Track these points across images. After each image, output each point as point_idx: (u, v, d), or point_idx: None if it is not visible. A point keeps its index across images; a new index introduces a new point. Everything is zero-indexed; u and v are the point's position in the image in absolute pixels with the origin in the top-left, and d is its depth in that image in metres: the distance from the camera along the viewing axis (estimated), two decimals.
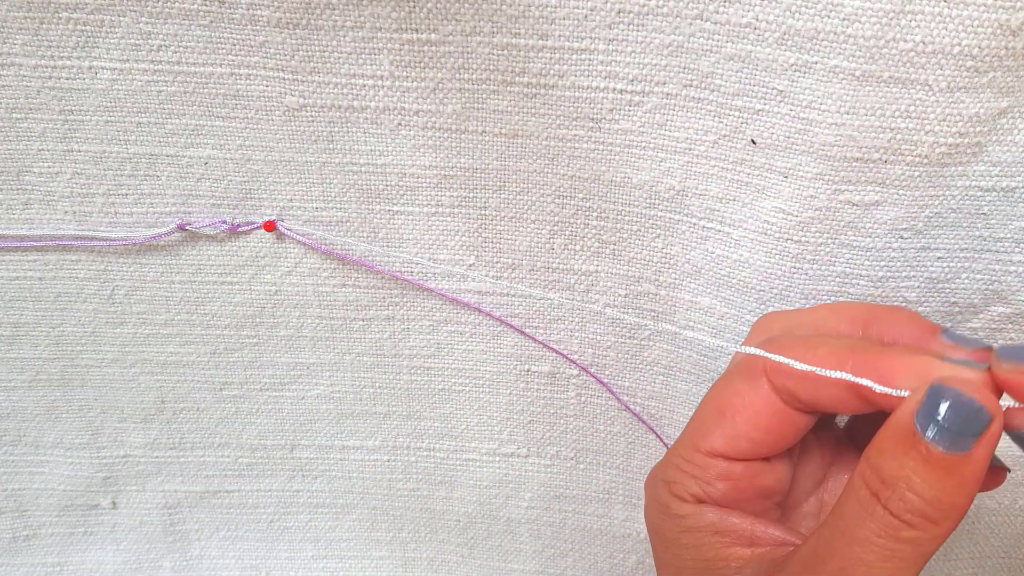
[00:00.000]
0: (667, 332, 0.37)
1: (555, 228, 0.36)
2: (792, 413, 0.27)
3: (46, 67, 0.33)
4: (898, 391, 0.23)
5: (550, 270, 0.37)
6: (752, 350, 0.27)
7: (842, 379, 0.24)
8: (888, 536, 0.22)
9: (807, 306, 0.34)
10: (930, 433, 0.22)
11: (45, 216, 0.36)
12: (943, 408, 0.22)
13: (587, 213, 0.35)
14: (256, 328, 0.39)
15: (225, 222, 0.36)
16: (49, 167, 0.35)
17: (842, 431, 0.32)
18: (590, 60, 0.31)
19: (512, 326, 0.38)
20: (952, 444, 0.22)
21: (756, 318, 0.35)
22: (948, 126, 0.29)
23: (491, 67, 0.32)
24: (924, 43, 0.28)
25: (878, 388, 0.24)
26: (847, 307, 0.28)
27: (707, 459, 0.27)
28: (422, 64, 0.32)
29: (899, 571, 0.23)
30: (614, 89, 0.32)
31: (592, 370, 0.39)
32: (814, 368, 0.25)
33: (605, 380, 0.39)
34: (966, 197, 0.31)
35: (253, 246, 0.37)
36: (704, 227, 0.34)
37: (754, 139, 0.31)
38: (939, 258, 0.33)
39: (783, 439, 0.27)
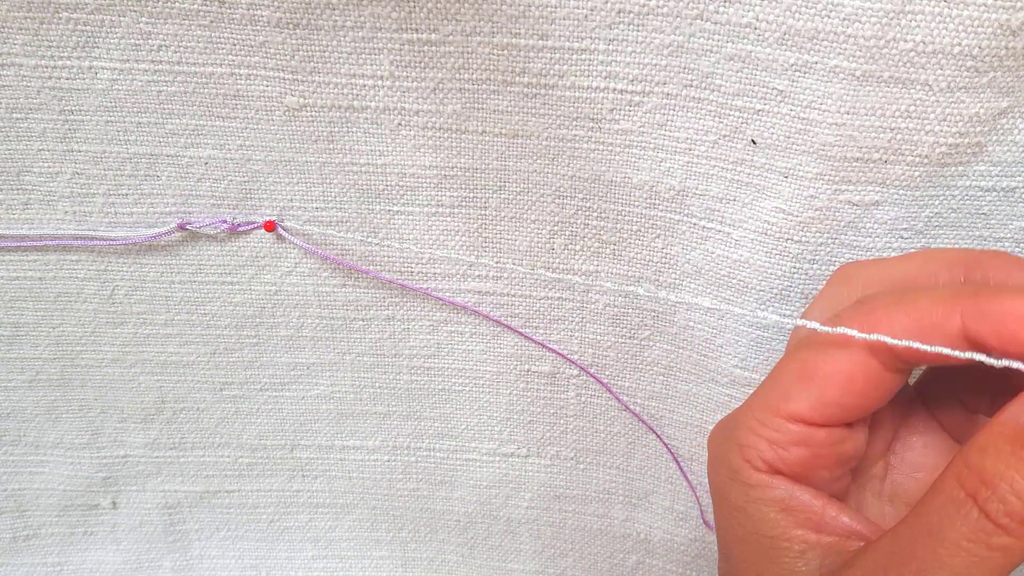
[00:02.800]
0: (668, 331, 0.37)
1: (555, 228, 0.36)
2: (888, 375, 0.25)
3: (46, 67, 0.33)
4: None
5: (550, 270, 0.37)
6: (843, 330, 0.24)
7: (954, 328, 0.22)
8: (979, 541, 0.21)
9: (807, 306, 0.34)
10: None
11: (45, 216, 0.36)
12: None
13: (587, 213, 0.35)
14: (256, 328, 0.39)
15: (225, 221, 0.36)
16: (49, 167, 0.35)
17: (911, 388, 0.30)
18: (590, 60, 0.31)
19: (508, 326, 0.38)
20: None
21: (756, 318, 0.35)
22: (948, 126, 0.29)
23: (491, 67, 0.32)
24: (924, 43, 0.28)
25: (999, 363, 0.22)
26: (942, 252, 0.26)
27: (787, 423, 0.25)
28: (422, 64, 0.32)
29: None
30: (614, 89, 0.32)
31: (592, 370, 0.39)
32: (936, 347, 0.23)
33: (605, 380, 0.39)
34: (966, 197, 0.31)
35: (253, 246, 0.37)
36: (704, 227, 0.34)
37: (754, 139, 0.31)
38: None
39: (874, 402, 0.25)
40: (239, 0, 0.31)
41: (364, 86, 0.33)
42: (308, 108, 0.33)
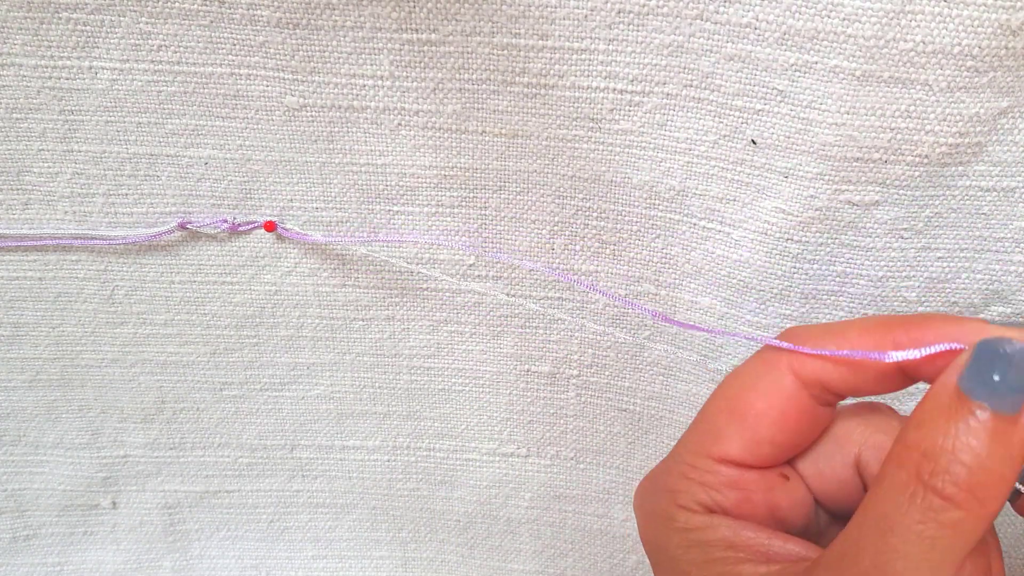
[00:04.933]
0: (668, 331, 0.37)
1: (555, 228, 0.36)
2: (819, 409, 0.25)
3: (46, 67, 0.33)
4: (959, 346, 0.21)
5: (550, 270, 0.37)
6: (776, 342, 0.24)
7: (885, 349, 0.22)
8: (929, 520, 0.20)
9: (807, 306, 0.34)
10: (978, 394, 0.20)
11: (45, 216, 0.36)
12: (995, 361, 0.20)
13: (587, 213, 0.35)
14: (256, 328, 0.39)
15: (226, 221, 0.36)
16: (49, 167, 0.35)
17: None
18: (590, 60, 0.31)
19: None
20: (1001, 404, 0.20)
21: (756, 318, 0.35)
22: (948, 126, 0.29)
23: (491, 67, 0.32)
24: (924, 43, 0.28)
25: (942, 347, 0.21)
26: (879, 317, 0.25)
27: (719, 466, 0.25)
28: (422, 64, 0.32)
29: (941, 564, 0.20)
30: (614, 89, 0.32)
31: (591, 370, 0.39)
32: (859, 353, 0.23)
33: (605, 380, 0.39)
34: (966, 197, 0.31)
35: (253, 246, 0.37)
36: (704, 227, 0.34)
37: (754, 139, 0.31)
38: (939, 258, 0.33)
39: (806, 439, 0.25)
40: (239, 0, 0.31)
41: (364, 86, 0.33)
42: (308, 108, 0.33)
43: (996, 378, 0.20)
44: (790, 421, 0.24)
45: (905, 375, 0.23)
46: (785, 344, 0.24)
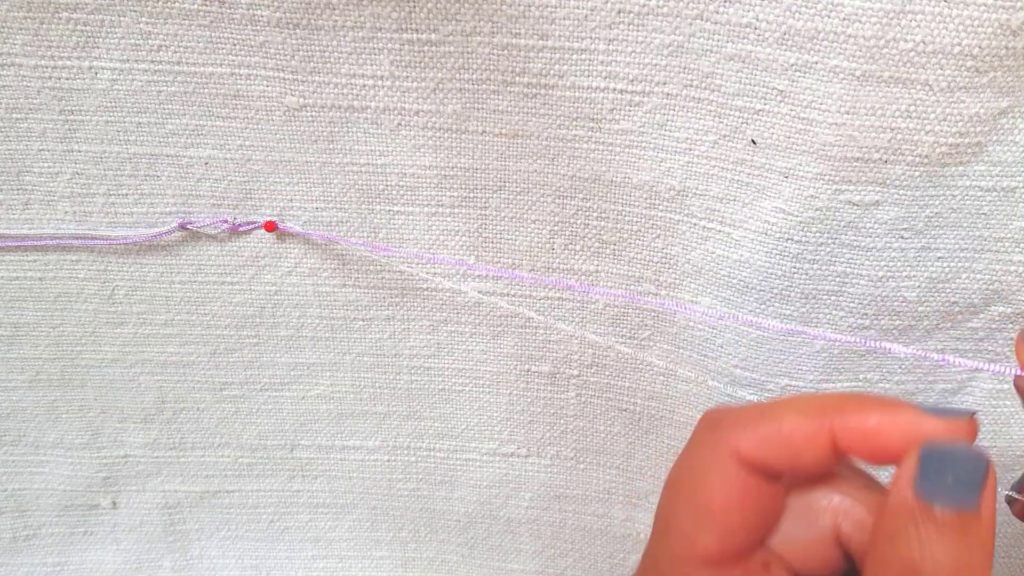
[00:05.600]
0: (668, 331, 0.37)
1: (555, 228, 0.36)
2: (775, 486, 0.25)
3: (46, 67, 0.33)
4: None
5: (550, 270, 0.37)
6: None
7: (823, 443, 0.23)
8: None
9: (807, 306, 0.34)
10: (938, 498, 0.21)
11: (45, 216, 0.36)
12: (945, 464, 0.21)
13: (587, 213, 0.35)
14: (256, 328, 0.39)
15: (226, 221, 0.36)
16: (49, 167, 0.35)
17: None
18: (590, 60, 0.31)
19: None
20: (960, 502, 0.21)
21: (756, 317, 0.35)
22: (948, 126, 0.29)
23: (491, 67, 0.32)
24: (924, 43, 0.28)
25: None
26: (811, 396, 0.25)
27: (700, 572, 0.24)
28: (422, 64, 0.32)
29: None
30: (614, 89, 0.32)
31: (591, 370, 0.39)
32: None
33: (605, 380, 0.39)
34: (966, 197, 0.31)
35: (253, 246, 0.37)
36: (704, 227, 0.34)
37: (754, 139, 0.31)
38: (939, 258, 0.33)
39: (772, 516, 0.25)
40: (239, 0, 0.31)
41: (364, 86, 0.33)
42: (308, 108, 0.33)
43: (950, 480, 0.21)
44: (752, 505, 0.24)
45: (841, 456, 0.23)
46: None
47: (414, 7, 0.30)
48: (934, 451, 0.21)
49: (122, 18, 0.32)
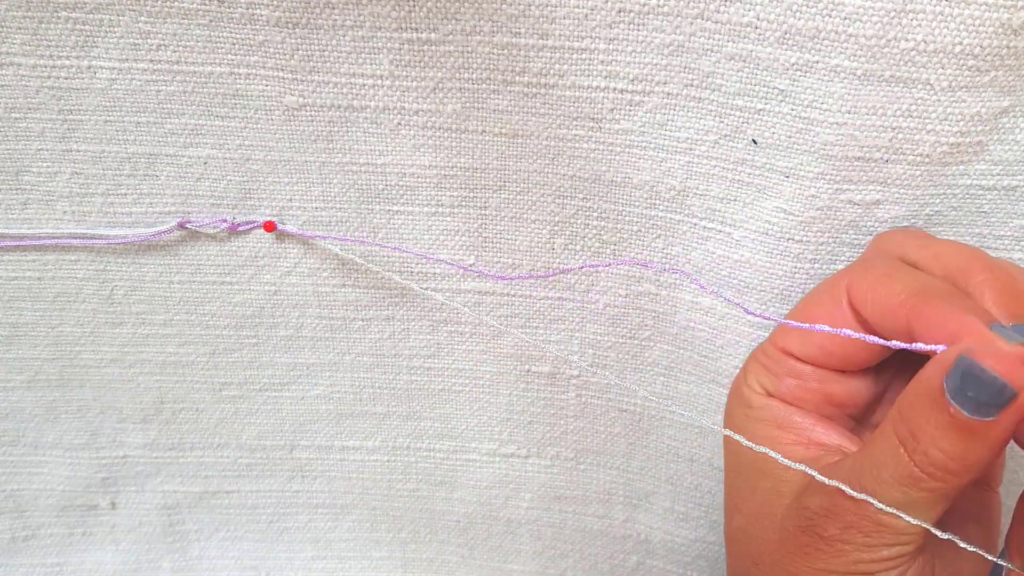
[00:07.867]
0: (669, 331, 0.37)
1: (555, 228, 0.36)
2: (860, 351, 0.28)
3: (45, 66, 0.33)
4: (934, 347, 0.24)
5: (550, 270, 0.37)
6: (766, 316, 0.31)
7: (904, 312, 0.25)
8: (909, 484, 0.24)
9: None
10: (955, 398, 0.22)
11: (44, 216, 0.36)
12: (965, 380, 0.22)
13: (587, 213, 0.35)
14: (255, 328, 0.39)
15: (225, 220, 0.36)
16: (48, 167, 0.35)
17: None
18: (590, 60, 0.31)
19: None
20: (976, 411, 0.22)
21: (757, 316, 0.35)
22: (950, 125, 0.29)
23: (491, 67, 0.32)
24: (926, 42, 0.28)
25: (910, 347, 0.24)
26: (970, 256, 0.27)
27: (781, 355, 0.29)
28: (422, 64, 0.32)
29: (917, 515, 0.24)
30: (615, 89, 0.32)
31: (592, 371, 0.39)
32: (837, 330, 0.26)
33: (605, 380, 0.39)
34: (967, 196, 0.31)
35: (252, 246, 0.37)
36: (705, 227, 0.34)
37: (755, 139, 0.31)
38: None
39: (855, 358, 0.28)
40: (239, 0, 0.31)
41: (364, 86, 0.33)
42: (308, 108, 0.33)
43: (970, 395, 0.22)
44: (836, 336, 0.27)
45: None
46: (767, 317, 0.31)
47: (414, 6, 0.30)
48: (964, 364, 0.22)
49: (121, 17, 0.31)
